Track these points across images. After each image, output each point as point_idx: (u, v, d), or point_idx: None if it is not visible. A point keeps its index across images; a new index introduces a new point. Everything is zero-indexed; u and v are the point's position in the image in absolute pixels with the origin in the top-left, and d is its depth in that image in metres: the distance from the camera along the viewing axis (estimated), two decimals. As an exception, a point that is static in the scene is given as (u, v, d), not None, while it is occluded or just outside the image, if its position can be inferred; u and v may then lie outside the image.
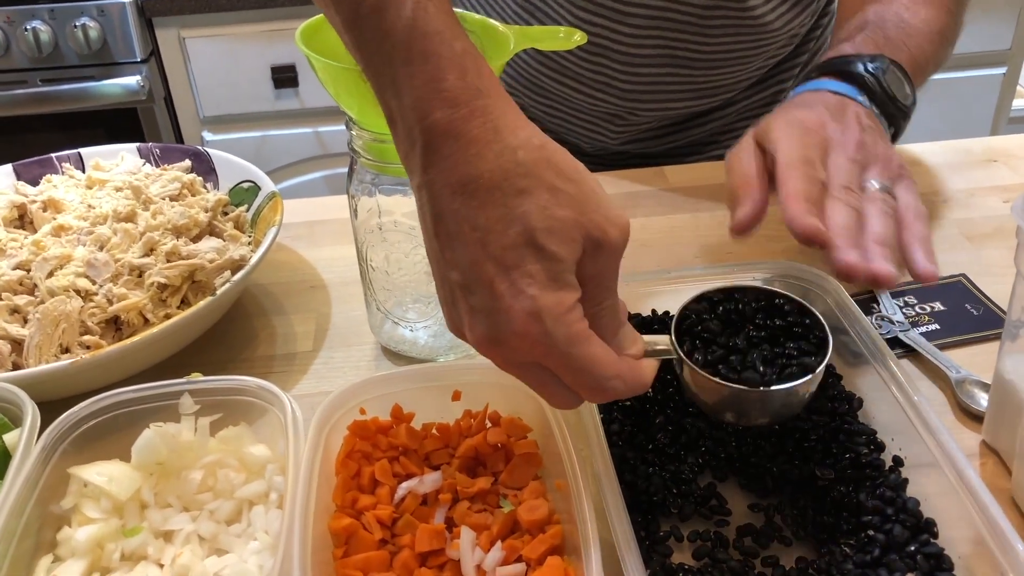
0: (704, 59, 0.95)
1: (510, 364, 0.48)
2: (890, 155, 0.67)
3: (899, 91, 0.72)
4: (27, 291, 0.73)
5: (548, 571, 0.51)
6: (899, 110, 0.72)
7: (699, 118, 1.05)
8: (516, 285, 0.44)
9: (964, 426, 0.66)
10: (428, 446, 0.61)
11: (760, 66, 1.00)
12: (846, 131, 0.67)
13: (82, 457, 0.60)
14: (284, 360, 0.76)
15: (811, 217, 0.60)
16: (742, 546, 0.57)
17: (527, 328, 0.44)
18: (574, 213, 0.45)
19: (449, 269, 0.47)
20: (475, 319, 0.46)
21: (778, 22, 0.94)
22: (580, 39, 0.67)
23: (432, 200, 0.46)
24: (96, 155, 0.92)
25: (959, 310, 0.77)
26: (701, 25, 0.92)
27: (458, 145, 0.45)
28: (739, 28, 0.93)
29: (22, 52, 1.86)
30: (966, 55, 2.05)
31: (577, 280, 0.46)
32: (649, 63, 0.95)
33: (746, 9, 0.91)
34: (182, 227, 0.78)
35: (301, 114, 2.04)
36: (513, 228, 0.44)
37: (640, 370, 0.50)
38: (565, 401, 0.49)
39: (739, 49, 0.95)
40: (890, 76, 0.72)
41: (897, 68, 0.73)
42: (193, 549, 0.57)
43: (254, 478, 0.60)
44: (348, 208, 0.70)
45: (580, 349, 0.45)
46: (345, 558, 0.54)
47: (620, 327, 0.50)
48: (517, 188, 0.44)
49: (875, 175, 0.66)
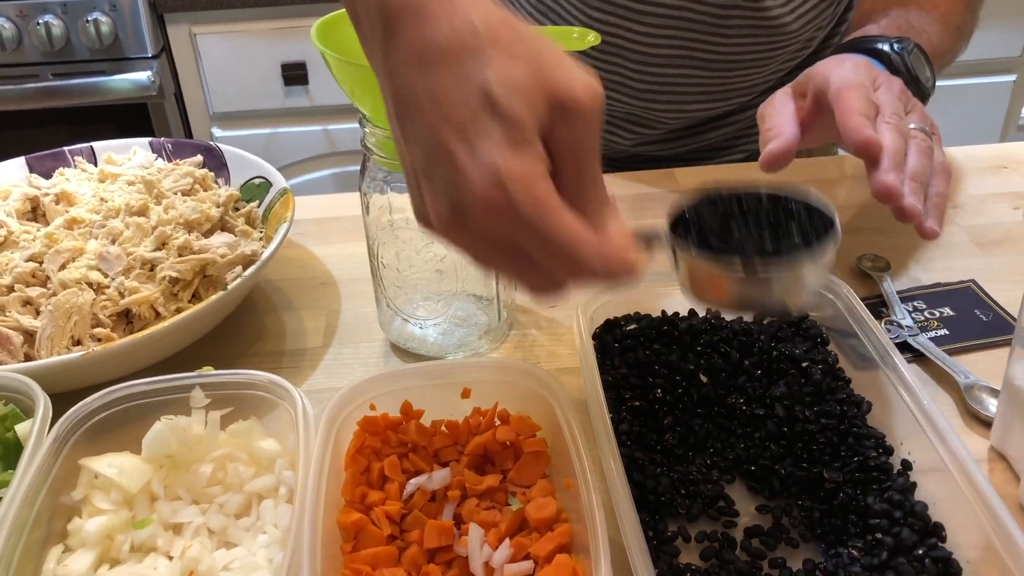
0: (719, 60, 0.95)
1: (479, 244, 0.45)
2: (925, 112, 0.72)
3: (921, 73, 0.76)
4: (39, 283, 0.74)
5: (556, 569, 0.52)
6: (920, 92, 0.75)
7: (714, 122, 1.05)
8: (476, 151, 0.41)
9: (972, 431, 0.66)
10: (437, 443, 0.61)
11: (776, 70, 0.99)
12: (891, 76, 0.72)
13: (93, 448, 0.60)
14: (294, 356, 0.77)
15: (871, 130, 0.63)
16: (749, 547, 0.57)
17: (489, 195, 0.41)
18: (535, 74, 0.42)
19: (411, 148, 0.44)
20: (437, 197, 0.43)
21: (795, 23, 0.93)
22: (594, 39, 0.68)
23: (392, 82, 0.44)
24: (108, 149, 0.93)
25: (968, 316, 0.77)
26: (717, 25, 0.92)
27: (415, 20, 0.43)
28: (755, 29, 0.93)
29: (34, 46, 1.87)
30: (976, 62, 2.04)
31: (552, 152, 0.43)
32: (664, 63, 0.95)
33: (762, 10, 0.91)
34: (194, 222, 0.78)
35: (310, 111, 2.05)
36: (471, 93, 0.41)
37: (624, 250, 0.45)
38: (542, 285, 0.46)
39: (755, 51, 0.95)
40: (914, 57, 0.76)
41: (920, 51, 0.76)
42: (202, 542, 0.57)
43: (263, 472, 0.61)
44: (358, 205, 0.71)
45: (549, 219, 0.42)
46: (354, 552, 0.55)
47: (604, 205, 0.46)
48: (473, 52, 0.42)
49: (917, 119, 0.70)
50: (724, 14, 0.91)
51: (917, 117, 0.71)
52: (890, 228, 0.89)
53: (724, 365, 0.67)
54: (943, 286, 0.80)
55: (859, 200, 0.92)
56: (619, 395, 0.65)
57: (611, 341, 0.68)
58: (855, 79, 0.68)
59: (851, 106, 0.65)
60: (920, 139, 0.68)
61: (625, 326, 0.70)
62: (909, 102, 0.72)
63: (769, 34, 0.94)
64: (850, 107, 0.65)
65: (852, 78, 0.68)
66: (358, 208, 0.71)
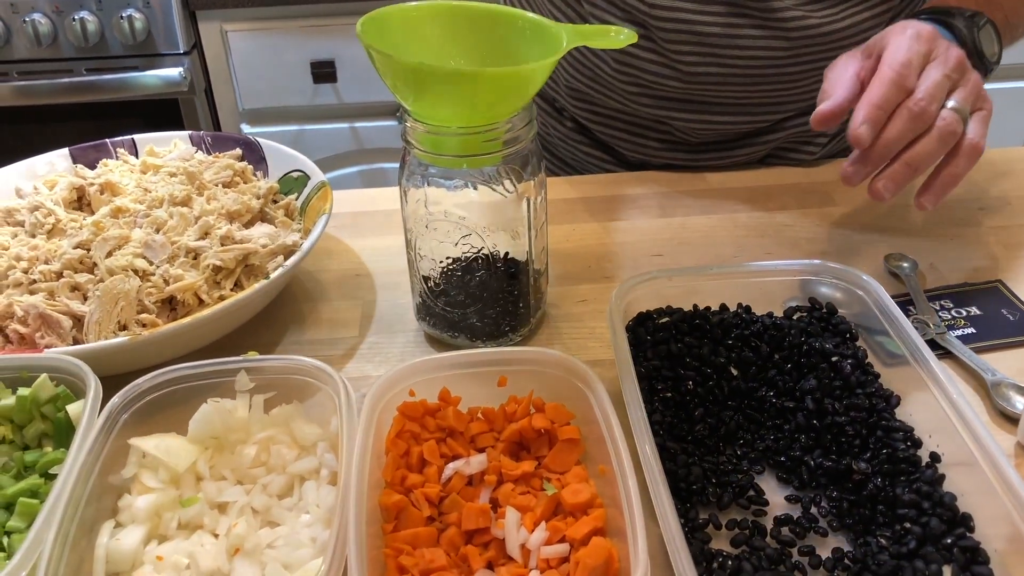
0: (738, 74, 0.94)
1: None
2: (980, 85, 0.74)
3: (988, 48, 0.80)
4: (87, 269, 0.76)
5: (593, 550, 0.53)
6: (983, 66, 0.79)
7: (747, 138, 1.03)
8: None
9: (999, 428, 0.67)
10: (474, 429, 0.63)
11: (807, 89, 0.97)
12: (951, 48, 0.74)
13: (142, 429, 0.62)
14: (330, 344, 0.78)
15: (866, 126, 0.70)
16: (779, 535, 0.58)
17: None
18: None
19: None
20: None
21: (811, 19, 0.91)
22: (630, 38, 0.69)
23: None
24: (150, 141, 0.95)
25: (995, 315, 0.78)
26: (731, 36, 0.91)
27: None
28: (769, 40, 0.91)
29: (69, 42, 1.90)
30: (1003, 67, 2.04)
31: None
32: (679, 76, 0.95)
33: (773, 20, 0.90)
34: (235, 213, 0.81)
35: (338, 109, 2.07)
36: None
37: None
38: None
39: (774, 64, 0.93)
40: (984, 33, 0.79)
41: (991, 26, 0.80)
42: (247, 520, 0.59)
43: (305, 455, 0.63)
44: (392, 200, 0.72)
45: None
46: (395, 532, 0.56)
47: None
48: None
49: (961, 97, 0.73)
50: (734, 23, 0.91)
51: (963, 94, 0.73)
52: (917, 229, 0.90)
53: (754, 358, 0.68)
54: (970, 286, 0.81)
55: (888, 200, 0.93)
56: (651, 386, 0.67)
57: (644, 334, 0.70)
58: (904, 57, 0.72)
59: (873, 95, 0.71)
60: (947, 122, 0.71)
61: (657, 319, 0.71)
62: (963, 76, 0.74)
63: (786, 46, 0.92)
64: (871, 96, 0.71)
65: (901, 56, 0.72)
66: (392, 202, 0.73)
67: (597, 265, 0.87)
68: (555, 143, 1.15)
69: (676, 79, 0.95)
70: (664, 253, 0.89)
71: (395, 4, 0.70)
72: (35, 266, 0.75)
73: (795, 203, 0.96)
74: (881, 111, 0.71)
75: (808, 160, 1.05)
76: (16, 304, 0.72)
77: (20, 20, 1.87)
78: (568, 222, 0.94)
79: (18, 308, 0.72)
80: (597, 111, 1.06)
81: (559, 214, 0.94)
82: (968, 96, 0.73)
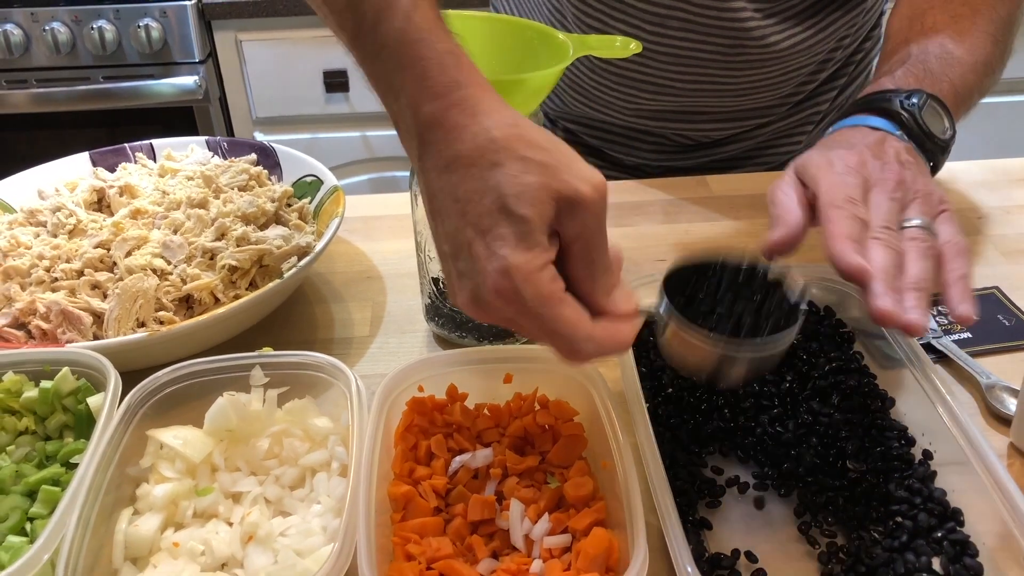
0: (732, 89, 0.99)
1: (498, 321, 0.52)
2: (930, 189, 0.66)
3: (936, 126, 0.72)
4: (107, 268, 0.78)
5: (594, 540, 0.55)
6: (936, 146, 0.71)
7: (733, 138, 1.08)
8: (490, 247, 0.49)
9: (993, 429, 0.69)
10: (480, 424, 0.65)
11: (792, 92, 1.02)
12: (886, 168, 0.67)
13: (160, 421, 0.65)
14: (342, 343, 0.81)
15: (856, 256, 0.60)
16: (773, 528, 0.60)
17: (499, 285, 0.49)
18: (543, 178, 0.49)
19: (441, 241, 0.52)
20: (461, 283, 0.51)
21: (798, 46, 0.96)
22: (636, 48, 0.71)
23: (426, 183, 0.52)
24: (167, 146, 0.98)
25: (992, 320, 0.79)
26: (729, 60, 0.95)
27: (443, 132, 0.50)
28: (764, 62, 0.96)
29: (87, 50, 1.94)
30: (1006, 81, 2.06)
31: (565, 241, 0.50)
32: (678, 93, 0.99)
33: (768, 46, 0.94)
34: (251, 215, 0.83)
35: (350, 118, 2.10)
36: (487, 197, 0.49)
37: (617, 332, 0.52)
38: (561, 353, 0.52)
39: (767, 79, 0.98)
40: (927, 112, 0.72)
41: (936, 102, 0.73)
42: (260, 510, 0.61)
43: (317, 448, 0.65)
44: (402, 205, 0.75)
45: (549, 310, 0.49)
46: (403, 522, 0.58)
47: (613, 286, 0.53)
48: (491, 162, 0.49)
49: (916, 212, 0.65)
50: (733, 52, 0.94)
51: (919, 207, 0.65)
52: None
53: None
54: (968, 292, 0.83)
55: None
56: (652, 385, 0.69)
57: (646, 335, 0.72)
58: (842, 194, 0.64)
59: (837, 229, 0.62)
60: (920, 240, 0.63)
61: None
62: (912, 187, 0.66)
63: (777, 62, 0.97)
64: (837, 231, 0.62)
65: (839, 193, 0.64)
66: (402, 208, 0.75)
67: (602, 269, 0.89)
68: None
69: (671, 94, 0.99)
70: (667, 258, 0.90)
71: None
72: (57, 265, 0.78)
73: (797, 211, 0.98)
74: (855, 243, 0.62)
75: (797, 150, 1.09)
76: (39, 301, 0.75)
77: (40, 29, 1.91)
78: (574, 228, 0.96)
79: (41, 305, 0.75)
80: (588, 123, 1.10)
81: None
82: (924, 208, 0.65)
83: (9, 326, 0.75)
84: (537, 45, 0.73)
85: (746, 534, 0.60)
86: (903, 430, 0.64)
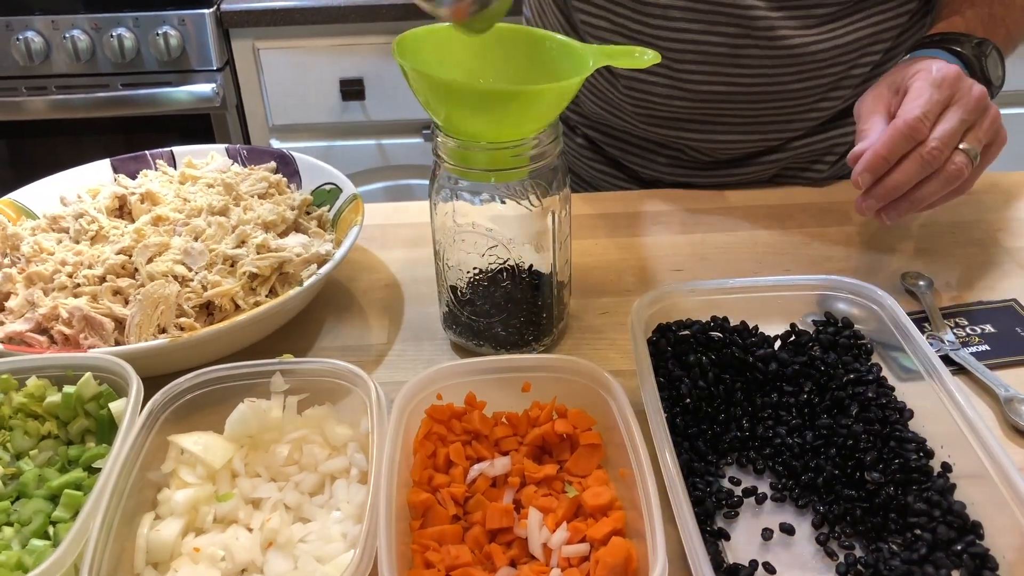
0: (743, 92, 0.97)
1: None
2: (995, 120, 0.80)
3: (994, 74, 0.84)
4: (128, 274, 0.79)
5: (612, 550, 0.55)
6: (988, 91, 0.81)
7: (750, 159, 1.06)
8: None
9: (1012, 442, 0.69)
10: (498, 433, 0.65)
11: (810, 108, 1.00)
12: (973, 88, 0.79)
13: (181, 427, 0.65)
14: (360, 351, 0.81)
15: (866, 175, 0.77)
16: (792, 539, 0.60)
17: None
18: None
19: None
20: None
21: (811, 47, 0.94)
22: (654, 58, 0.72)
23: None
24: (188, 153, 0.99)
25: (1010, 333, 0.79)
26: (735, 56, 0.94)
27: None
28: (775, 60, 0.94)
29: (106, 57, 1.96)
30: (1022, 93, 2.05)
31: None
32: (687, 96, 0.98)
33: (776, 39, 0.93)
34: (271, 223, 0.84)
35: (366, 126, 2.11)
36: None
37: None
38: None
39: (779, 81, 0.96)
40: (990, 61, 0.83)
41: (996, 52, 0.84)
42: (280, 516, 0.61)
43: (336, 454, 0.65)
44: (420, 214, 0.75)
45: None
46: (422, 529, 0.59)
47: None
48: None
49: (974, 138, 0.78)
50: (740, 44, 0.93)
51: (976, 135, 0.78)
52: (934, 249, 0.92)
53: (772, 370, 0.70)
54: (985, 304, 0.83)
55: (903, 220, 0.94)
56: (670, 395, 0.69)
57: (664, 344, 0.72)
58: (921, 110, 0.76)
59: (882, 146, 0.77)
60: (956, 165, 0.77)
61: (677, 331, 0.73)
62: (981, 116, 0.78)
63: (790, 64, 0.95)
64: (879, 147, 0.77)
65: (919, 109, 0.77)
66: (419, 216, 0.76)
67: (618, 278, 0.89)
68: (568, 158, 1.18)
69: (683, 98, 0.98)
70: (684, 268, 0.91)
71: (424, 26, 0.73)
72: (79, 271, 0.79)
73: (813, 222, 0.98)
74: (885, 161, 0.77)
75: (816, 179, 1.07)
76: (61, 306, 0.76)
77: (60, 36, 1.93)
78: (589, 237, 0.96)
79: (63, 310, 0.75)
80: (607, 131, 1.09)
81: (580, 230, 0.96)
82: (982, 136, 0.78)
83: (32, 331, 0.76)
84: (557, 56, 0.73)
85: (763, 545, 0.60)
86: (921, 442, 0.64)
